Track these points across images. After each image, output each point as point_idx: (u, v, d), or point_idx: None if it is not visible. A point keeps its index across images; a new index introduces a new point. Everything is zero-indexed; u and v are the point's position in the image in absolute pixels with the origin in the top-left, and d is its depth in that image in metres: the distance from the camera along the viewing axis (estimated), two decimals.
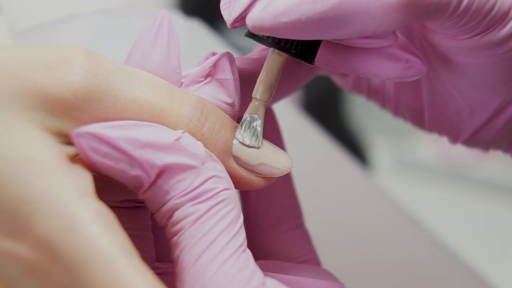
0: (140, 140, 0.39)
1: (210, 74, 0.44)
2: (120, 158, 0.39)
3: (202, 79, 0.44)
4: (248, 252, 0.41)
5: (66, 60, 0.40)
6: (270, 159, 0.44)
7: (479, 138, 0.51)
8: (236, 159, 0.43)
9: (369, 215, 0.74)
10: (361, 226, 0.73)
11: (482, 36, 0.44)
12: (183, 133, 0.41)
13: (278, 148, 0.45)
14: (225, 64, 0.44)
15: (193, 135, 0.42)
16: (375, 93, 0.54)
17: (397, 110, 0.53)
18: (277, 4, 0.41)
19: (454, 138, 0.52)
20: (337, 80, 0.56)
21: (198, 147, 0.41)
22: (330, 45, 0.46)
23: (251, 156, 0.43)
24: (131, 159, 0.39)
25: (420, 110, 0.52)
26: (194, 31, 0.79)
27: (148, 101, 0.41)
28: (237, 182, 0.43)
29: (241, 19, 0.43)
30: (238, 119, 0.45)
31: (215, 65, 0.44)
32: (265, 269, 0.45)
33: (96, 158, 0.39)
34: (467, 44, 0.45)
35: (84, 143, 0.39)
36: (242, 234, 0.41)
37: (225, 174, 0.42)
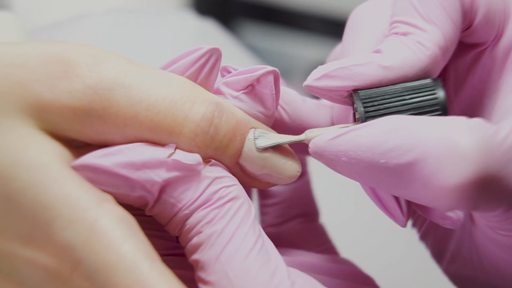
0: (135, 163, 0.39)
1: (252, 85, 0.43)
2: (120, 184, 0.39)
3: (243, 88, 0.43)
4: (267, 241, 0.40)
5: (68, 72, 0.39)
6: (275, 170, 0.43)
7: None
8: (242, 167, 0.43)
9: (383, 216, 0.74)
10: (375, 227, 0.73)
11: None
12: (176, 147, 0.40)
13: (289, 155, 0.44)
14: (269, 81, 0.43)
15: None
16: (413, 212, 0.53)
17: (423, 237, 0.52)
18: (343, 142, 0.40)
19: None
20: None
21: (194, 154, 0.40)
22: None
23: (256, 166, 0.43)
24: (131, 182, 0.39)
25: (443, 253, 0.51)
26: (208, 31, 0.79)
27: (148, 118, 0.40)
28: (240, 183, 0.42)
29: (311, 90, 0.43)
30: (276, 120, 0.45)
31: (258, 80, 0.43)
32: (287, 255, 0.46)
33: (96, 187, 0.39)
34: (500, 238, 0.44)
35: (82, 175, 0.39)
36: (257, 225, 0.40)
37: (226, 173, 0.41)
